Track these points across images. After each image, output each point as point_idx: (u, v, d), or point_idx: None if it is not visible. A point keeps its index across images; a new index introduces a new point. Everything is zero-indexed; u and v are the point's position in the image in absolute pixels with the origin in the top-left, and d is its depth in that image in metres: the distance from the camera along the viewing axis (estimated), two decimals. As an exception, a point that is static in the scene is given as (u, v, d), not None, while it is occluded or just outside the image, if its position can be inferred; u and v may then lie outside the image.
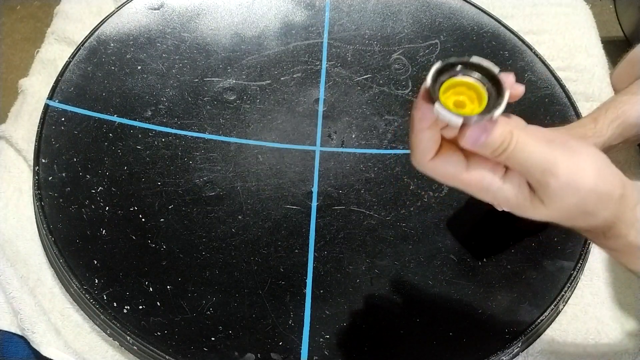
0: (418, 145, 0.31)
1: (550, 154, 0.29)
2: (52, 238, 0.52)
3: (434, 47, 0.71)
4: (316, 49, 0.69)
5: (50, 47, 0.71)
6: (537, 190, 0.31)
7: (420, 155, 0.32)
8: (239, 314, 0.50)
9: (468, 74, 0.30)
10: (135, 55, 0.66)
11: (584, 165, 0.30)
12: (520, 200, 0.31)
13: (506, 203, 0.32)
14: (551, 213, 0.31)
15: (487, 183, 0.32)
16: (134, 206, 0.55)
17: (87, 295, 0.50)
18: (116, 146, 0.59)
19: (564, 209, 0.31)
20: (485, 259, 0.55)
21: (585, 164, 0.30)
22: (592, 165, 0.30)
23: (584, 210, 0.31)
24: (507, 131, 0.30)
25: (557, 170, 0.29)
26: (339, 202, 0.58)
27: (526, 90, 0.73)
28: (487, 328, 0.51)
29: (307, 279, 0.53)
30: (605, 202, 0.31)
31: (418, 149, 0.31)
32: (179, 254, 0.53)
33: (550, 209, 0.31)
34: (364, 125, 0.64)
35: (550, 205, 0.30)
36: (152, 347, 0.48)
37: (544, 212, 0.31)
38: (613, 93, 0.72)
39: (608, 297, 0.56)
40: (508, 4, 0.80)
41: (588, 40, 0.76)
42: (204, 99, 0.64)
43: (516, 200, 0.31)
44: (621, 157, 0.65)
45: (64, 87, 0.62)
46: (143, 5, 0.70)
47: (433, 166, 0.32)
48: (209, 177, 0.58)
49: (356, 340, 0.50)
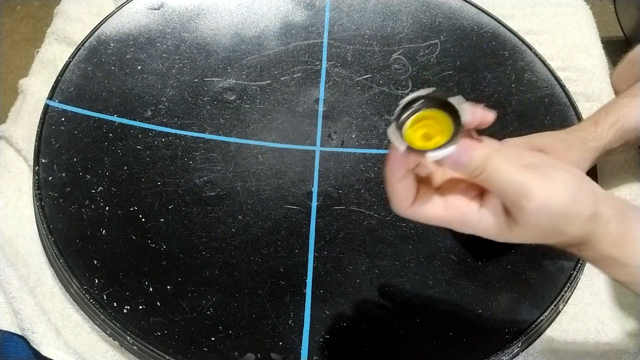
0: (396, 196, 0.33)
1: (524, 178, 0.31)
2: (52, 238, 0.52)
3: (434, 47, 0.71)
4: (316, 49, 0.69)
5: (50, 47, 0.71)
6: (512, 212, 0.32)
7: (399, 204, 0.34)
8: (239, 314, 0.50)
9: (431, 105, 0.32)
10: (135, 55, 0.66)
11: (556, 190, 0.31)
12: (498, 228, 0.33)
13: (487, 232, 0.34)
14: (526, 234, 0.33)
15: (467, 218, 0.34)
16: (134, 206, 0.55)
17: (87, 295, 0.50)
18: (116, 146, 0.59)
19: (537, 230, 0.32)
20: (485, 259, 0.55)
21: (557, 189, 0.32)
22: (564, 189, 0.32)
23: (555, 230, 0.32)
24: (484, 154, 0.32)
25: (530, 193, 0.31)
26: (339, 202, 0.58)
27: (526, 90, 0.73)
28: (487, 328, 0.51)
29: (307, 279, 0.53)
30: (574, 222, 0.32)
31: (397, 199, 0.33)
32: (179, 254, 0.53)
33: (525, 230, 0.32)
34: (364, 125, 0.64)
35: (525, 226, 0.32)
36: (152, 347, 0.48)
37: (519, 233, 0.33)
38: (613, 93, 0.72)
39: (608, 297, 0.56)
40: (508, 4, 0.80)
41: (588, 40, 0.76)
42: (204, 99, 0.64)
43: (494, 228, 0.33)
44: (621, 157, 0.65)
45: (64, 87, 0.62)
46: (143, 5, 0.70)
47: (413, 211, 0.34)
48: (209, 177, 0.58)
49: (356, 340, 0.50)
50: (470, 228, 0.34)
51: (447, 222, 0.34)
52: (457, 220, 0.34)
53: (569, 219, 0.32)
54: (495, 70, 0.69)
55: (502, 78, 0.69)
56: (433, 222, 0.34)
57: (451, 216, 0.34)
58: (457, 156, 0.31)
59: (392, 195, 0.33)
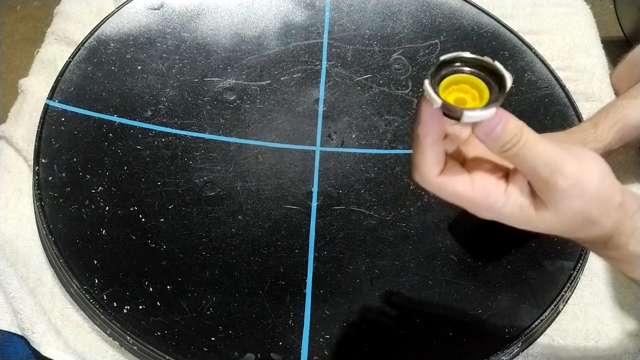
0: (425, 161, 0.31)
1: (559, 154, 0.29)
2: (52, 238, 0.52)
3: (434, 47, 0.71)
4: (316, 49, 0.69)
5: (50, 47, 0.71)
6: (543, 193, 0.30)
7: (427, 172, 0.31)
8: (239, 314, 0.50)
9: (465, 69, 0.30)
10: (135, 55, 0.66)
11: (589, 169, 0.30)
12: (525, 212, 0.31)
13: (512, 217, 0.32)
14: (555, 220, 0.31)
15: (492, 199, 0.31)
16: (134, 206, 0.55)
17: (87, 295, 0.50)
18: (116, 146, 0.59)
19: (568, 215, 0.30)
20: (485, 259, 0.55)
21: (590, 168, 0.30)
22: (597, 170, 0.30)
23: (587, 217, 0.31)
24: (519, 126, 0.30)
25: (566, 170, 0.29)
26: (339, 202, 0.58)
27: (526, 90, 0.73)
28: (487, 328, 0.51)
29: (307, 279, 0.53)
30: (607, 208, 0.31)
31: (426, 165, 0.31)
32: (179, 254, 0.53)
33: (555, 215, 0.30)
34: (364, 125, 0.64)
35: (555, 209, 0.30)
36: (152, 347, 0.48)
37: (549, 219, 0.31)
38: (613, 93, 0.72)
39: (608, 297, 0.56)
40: (508, 4, 0.80)
41: (588, 40, 0.76)
42: (204, 99, 0.64)
43: (521, 213, 0.31)
44: (621, 157, 0.65)
45: (64, 87, 0.62)
46: (143, 5, 0.70)
47: (441, 182, 0.31)
48: (209, 177, 0.58)
49: (356, 340, 0.50)
50: (495, 212, 0.31)
51: (472, 201, 0.31)
52: (482, 200, 0.31)
53: (601, 204, 0.30)
54: (495, 70, 0.69)
55: (502, 78, 0.69)
56: (458, 199, 0.32)
57: (477, 195, 0.31)
58: (492, 124, 0.29)
59: (421, 161, 0.30)
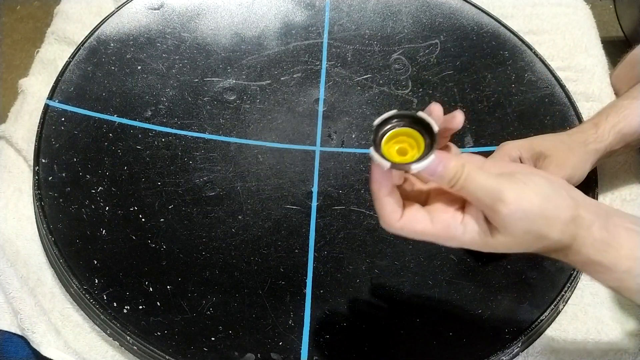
0: (385, 210, 0.34)
1: (498, 184, 0.33)
2: (52, 238, 0.52)
3: (434, 47, 0.71)
4: (316, 49, 0.69)
5: (50, 47, 0.71)
6: (492, 219, 0.33)
7: (389, 218, 0.34)
8: (239, 314, 0.50)
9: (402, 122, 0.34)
10: (135, 55, 0.66)
11: (530, 193, 0.33)
12: (482, 237, 0.34)
13: (473, 243, 0.35)
14: (509, 240, 0.34)
15: (452, 230, 0.34)
16: (134, 206, 0.55)
17: (87, 295, 0.50)
18: (116, 146, 0.59)
19: (518, 235, 0.33)
20: (485, 259, 0.55)
21: (530, 192, 0.33)
22: (538, 193, 0.33)
23: (535, 234, 0.33)
24: (459, 164, 0.33)
25: (504, 197, 0.32)
26: (339, 202, 0.58)
27: (526, 90, 0.73)
28: (487, 328, 0.51)
29: (307, 279, 0.53)
30: (555, 224, 0.33)
31: (386, 213, 0.34)
32: (179, 254, 0.53)
33: (507, 236, 0.33)
34: (364, 125, 0.64)
35: (506, 231, 0.33)
36: (152, 347, 0.48)
37: (503, 241, 0.34)
38: (613, 93, 0.72)
39: (608, 297, 0.56)
40: (508, 4, 0.80)
41: (588, 40, 0.77)
42: (204, 99, 0.64)
43: (479, 237, 0.34)
44: (621, 158, 0.65)
45: (64, 87, 0.62)
46: (143, 5, 0.70)
47: (401, 226, 0.34)
48: (209, 177, 0.58)
49: (356, 340, 0.50)
50: (457, 240, 0.35)
51: (435, 236, 0.35)
52: (444, 233, 0.34)
53: (548, 222, 0.33)
54: (495, 70, 0.69)
55: (502, 78, 0.69)
56: (421, 236, 0.35)
57: (437, 229, 0.34)
58: (433, 167, 0.32)
59: (382, 211, 0.34)
